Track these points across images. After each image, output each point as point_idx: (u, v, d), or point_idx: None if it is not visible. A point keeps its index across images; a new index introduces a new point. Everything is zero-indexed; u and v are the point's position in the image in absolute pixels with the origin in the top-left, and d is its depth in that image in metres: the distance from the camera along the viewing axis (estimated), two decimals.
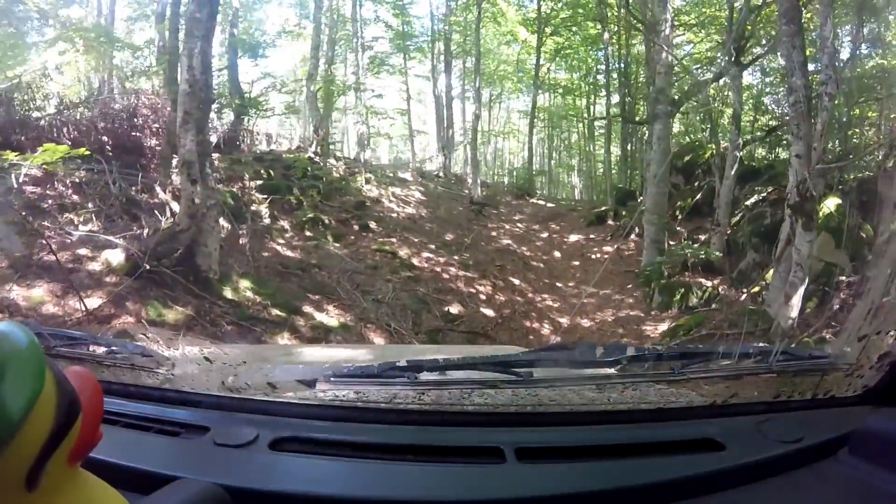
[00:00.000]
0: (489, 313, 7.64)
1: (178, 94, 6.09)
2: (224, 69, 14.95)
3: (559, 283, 9.86)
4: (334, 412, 1.03)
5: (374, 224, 10.39)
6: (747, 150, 10.29)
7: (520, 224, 13.92)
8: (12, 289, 4.75)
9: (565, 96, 23.03)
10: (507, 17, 19.95)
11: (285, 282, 6.60)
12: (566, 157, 26.26)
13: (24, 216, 5.53)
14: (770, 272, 6.85)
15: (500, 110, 27.01)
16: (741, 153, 9.37)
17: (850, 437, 0.86)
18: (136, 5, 14.89)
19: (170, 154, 7.51)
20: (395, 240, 9.73)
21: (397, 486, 0.83)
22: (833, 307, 5.80)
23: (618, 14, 15.33)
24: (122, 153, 7.97)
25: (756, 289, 7.70)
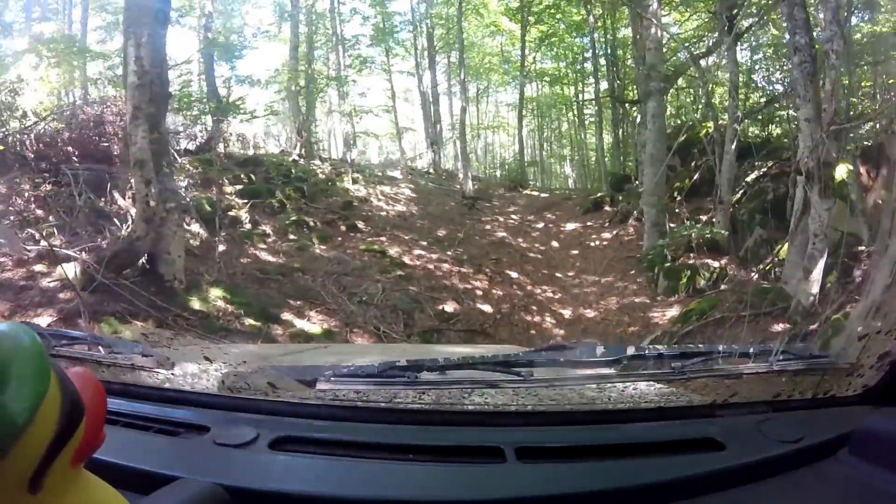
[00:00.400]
0: (487, 309, 7.20)
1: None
2: (201, 74, 14.63)
3: (558, 274, 9.43)
4: (334, 412, 1.03)
5: (361, 224, 9.96)
6: (740, 128, 9.85)
7: (514, 216, 13.48)
8: None
9: (553, 85, 22.71)
10: (490, 9, 19.65)
11: (263, 288, 6.17)
12: (557, 148, 25.94)
13: None
14: (782, 248, 6.46)
15: (488, 104, 26.79)
16: (740, 126, 8.94)
17: (850, 437, 0.85)
18: (104, 14, 14.47)
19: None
20: (384, 238, 9.30)
21: (397, 486, 0.83)
22: (855, 279, 5.40)
23: None
24: (90, 162, 7.61)
25: (767, 266, 7.30)
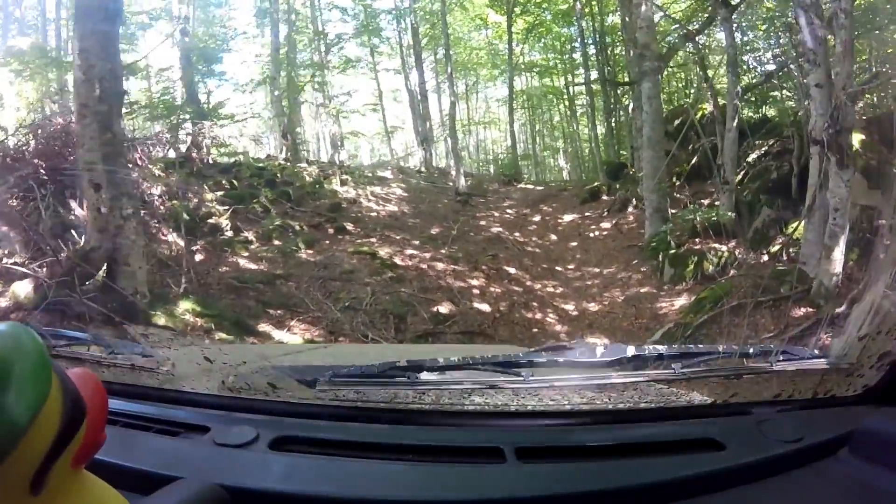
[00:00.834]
0: (484, 308, 6.78)
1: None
2: (178, 80, 14.25)
3: (558, 267, 9.03)
4: (334, 412, 1.02)
5: (351, 225, 9.54)
6: (741, 104, 9.46)
7: (509, 210, 13.09)
8: None
9: (542, 77, 22.43)
10: (475, 2, 19.37)
11: (241, 298, 5.75)
12: (550, 140, 25.69)
13: None
14: (798, 226, 6.06)
15: (477, 101, 26.54)
16: (741, 102, 8.54)
17: (850, 437, 0.85)
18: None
19: None
20: (374, 239, 8.88)
21: (397, 486, 0.83)
22: (878, 255, 4.99)
23: None
24: (58, 174, 7.21)
25: (777, 247, 6.91)
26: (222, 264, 6.66)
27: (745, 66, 12.98)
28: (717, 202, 8.99)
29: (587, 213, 12.14)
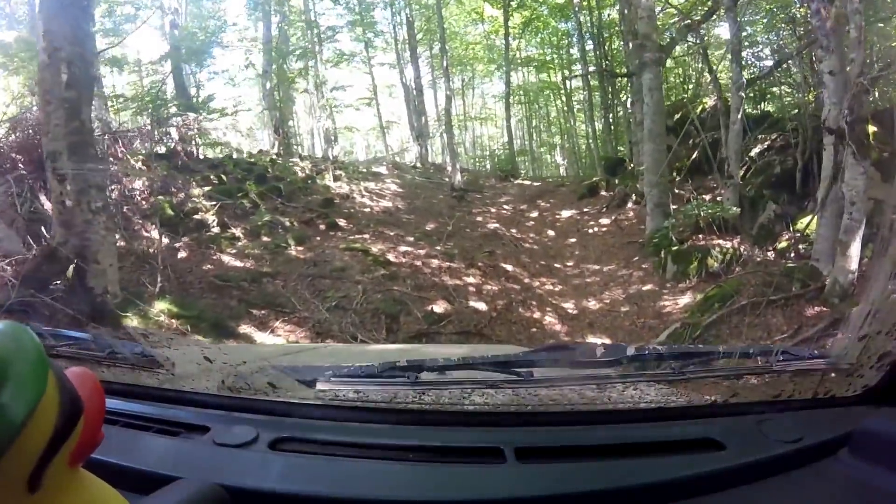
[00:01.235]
0: (481, 307, 6.51)
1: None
2: (170, 73, 13.91)
3: (557, 264, 8.77)
4: (334, 412, 1.02)
5: (343, 221, 9.26)
6: (745, 95, 9.19)
7: (506, 206, 12.82)
8: None
9: (539, 72, 22.20)
10: None
11: (222, 298, 5.45)
12: (547, 136, 25.50)
13: None
14: (807, 223, 5.81)
15: (474, 96, 26.34)
16: (745, 94, 8.27)
17: (850, 437, 0.84)
18: None
19: None
20: (367, 236, 8.60)
21: (397, 486, 0.82)
22: (881, 253, 4.74)
23: None
24: (37, 169, 6.93)
25: (784, 243, 6.67)
26: (206, 262, 6.37)
27: (745, 62, 12.87)
28: (718, 198, 8.76)
29: (585, 209, 11.89)
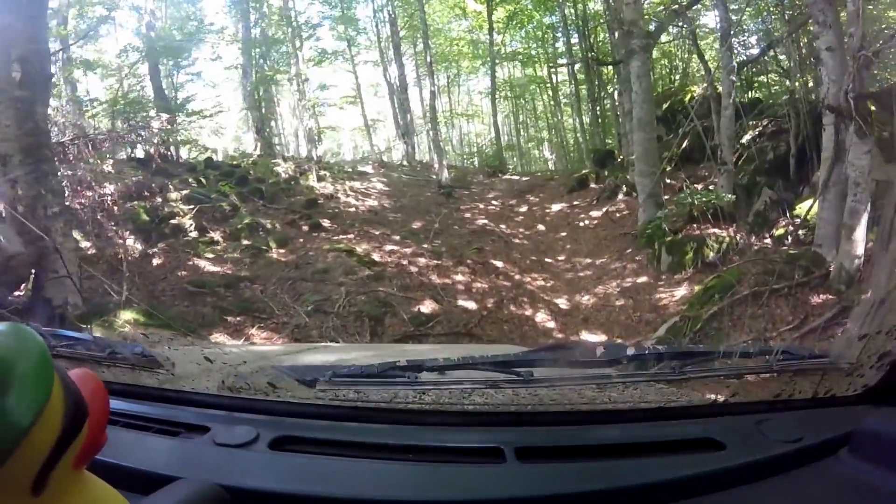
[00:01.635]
0: (470, 306, 6.24)
1: None
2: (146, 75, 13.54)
3: (548, 259, 8.53)
4: (334, 412, 1.01)
5: (327, 222, 8.97)
6: (737, 80, 8.99)
7: (495, 202, 12.57)
8: None
9: (525, 67, 22.01)
10: None
11: (195, 305, 5.16)
12: (535, 131, 25.36)
13: None
14: (808, 208, 5.60)
15: (459, 93, 26.14)
16: (737, 78, 8.06)
17: (850, 437, 0.83)
18: None
19: None
20: (352, 235, 8.32)
21: (397, 486, 0.82)
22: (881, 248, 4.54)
23: None
24: None
25: (781, 230, 6.47)
26: (182, 268, 6.07)
27: (734, 50, 12.69)
28: (711, 186, 8.57)
29: (575, 203, 11.67)
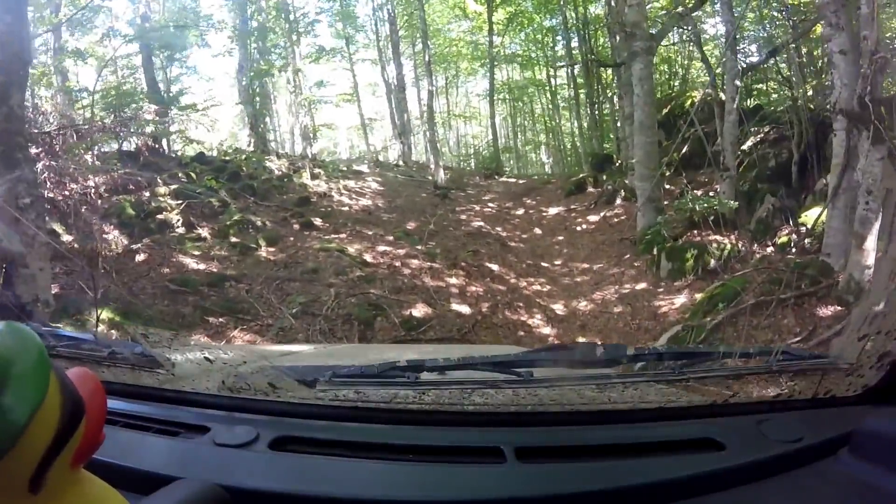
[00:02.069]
0: (464, 310, 6.05)
1: None
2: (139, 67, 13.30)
3: (544, 263, 8.35)
4: (334, 412, 1.01)
5: (319, 221, 8.76)
6: (742, 85, 8.83)
7: (491, 204, 12.41)
8: None
9: (524, 69, 21.90)
10: None
11: (176, 304, 4.94)
12: (532, 135, 25.26)
13: None
14: (808, 215, 5.45)
15: (458, 95, 26.03)
16: (741, 83, 7.91)
17: (850, 437, 0.83)
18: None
19: None
20: (344, 235, 8.11)
21: (397, 486, 0.82)
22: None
23: None
24: None
25: (784, 238, 6.30)
26: (166, 265, 5.84)
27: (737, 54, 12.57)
28: (711, 192, 8.42)
29: (573, 206, 11.53)
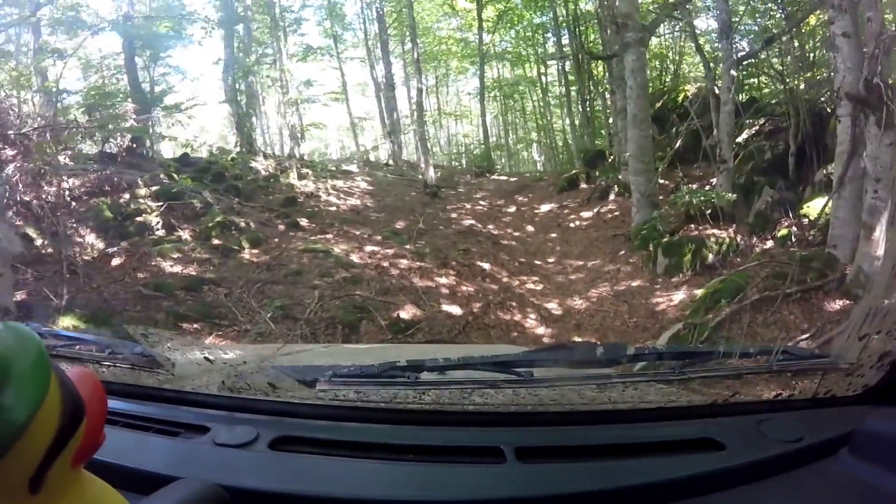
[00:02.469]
0: (455, 311, 5.82)
1: None
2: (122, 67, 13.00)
3: (538, 261, 8.14)
4: (334, 412, 1.01)
5: (305, 221, 8.52)
6: (738, 76, 8.66)
7: (482, 202, 12.19)
8: None
9: (514, 67, 21.73)
10: None
11: (148, 310, 4.68)
12: (524, 133, 25.11)
13: None
14: (810, 206, 5.26)
15: (448, 93, 25.82)
16: (737, 73, 7.72)
17: (850, 437, 0.83)
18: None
19: None
20: (331, 235, 7.87)
21: (397, 486, 0.82)
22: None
23: None
24: None
25: (784, 230, 6.12)
26: (143, 269, 5.58)
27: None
28: (707, 187, 8.24)
29: (566, 203, 11.33)
